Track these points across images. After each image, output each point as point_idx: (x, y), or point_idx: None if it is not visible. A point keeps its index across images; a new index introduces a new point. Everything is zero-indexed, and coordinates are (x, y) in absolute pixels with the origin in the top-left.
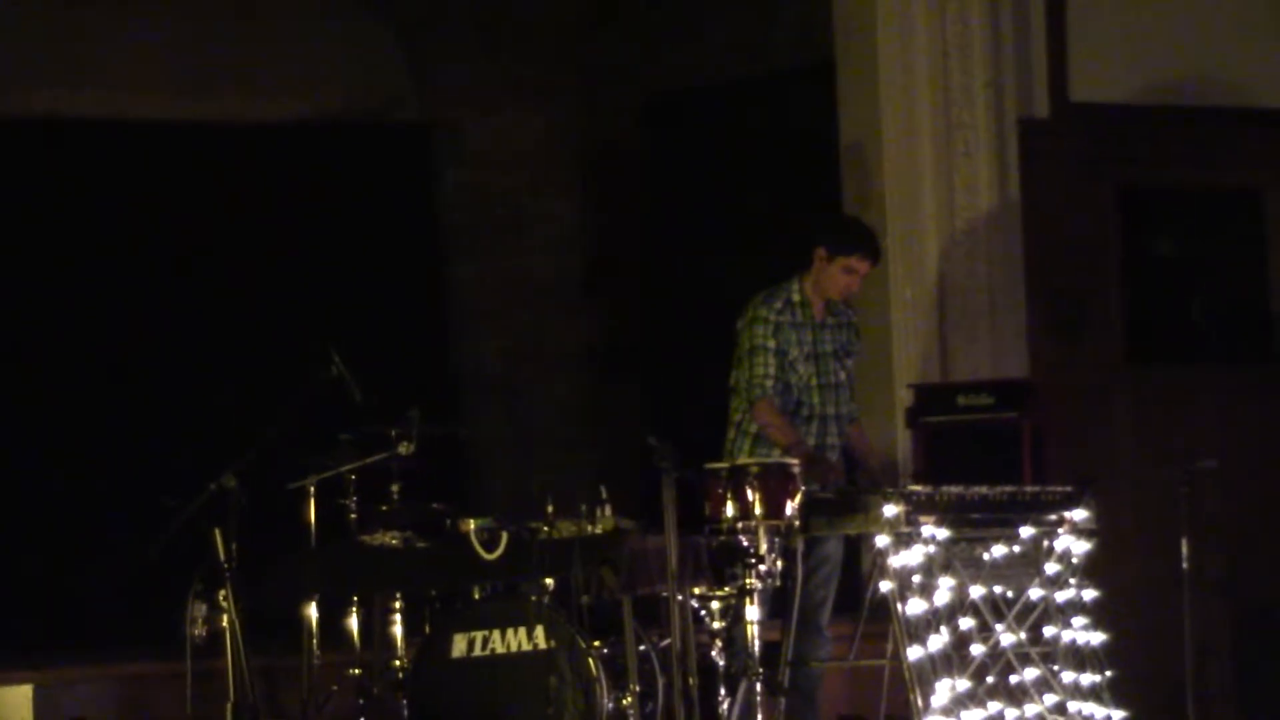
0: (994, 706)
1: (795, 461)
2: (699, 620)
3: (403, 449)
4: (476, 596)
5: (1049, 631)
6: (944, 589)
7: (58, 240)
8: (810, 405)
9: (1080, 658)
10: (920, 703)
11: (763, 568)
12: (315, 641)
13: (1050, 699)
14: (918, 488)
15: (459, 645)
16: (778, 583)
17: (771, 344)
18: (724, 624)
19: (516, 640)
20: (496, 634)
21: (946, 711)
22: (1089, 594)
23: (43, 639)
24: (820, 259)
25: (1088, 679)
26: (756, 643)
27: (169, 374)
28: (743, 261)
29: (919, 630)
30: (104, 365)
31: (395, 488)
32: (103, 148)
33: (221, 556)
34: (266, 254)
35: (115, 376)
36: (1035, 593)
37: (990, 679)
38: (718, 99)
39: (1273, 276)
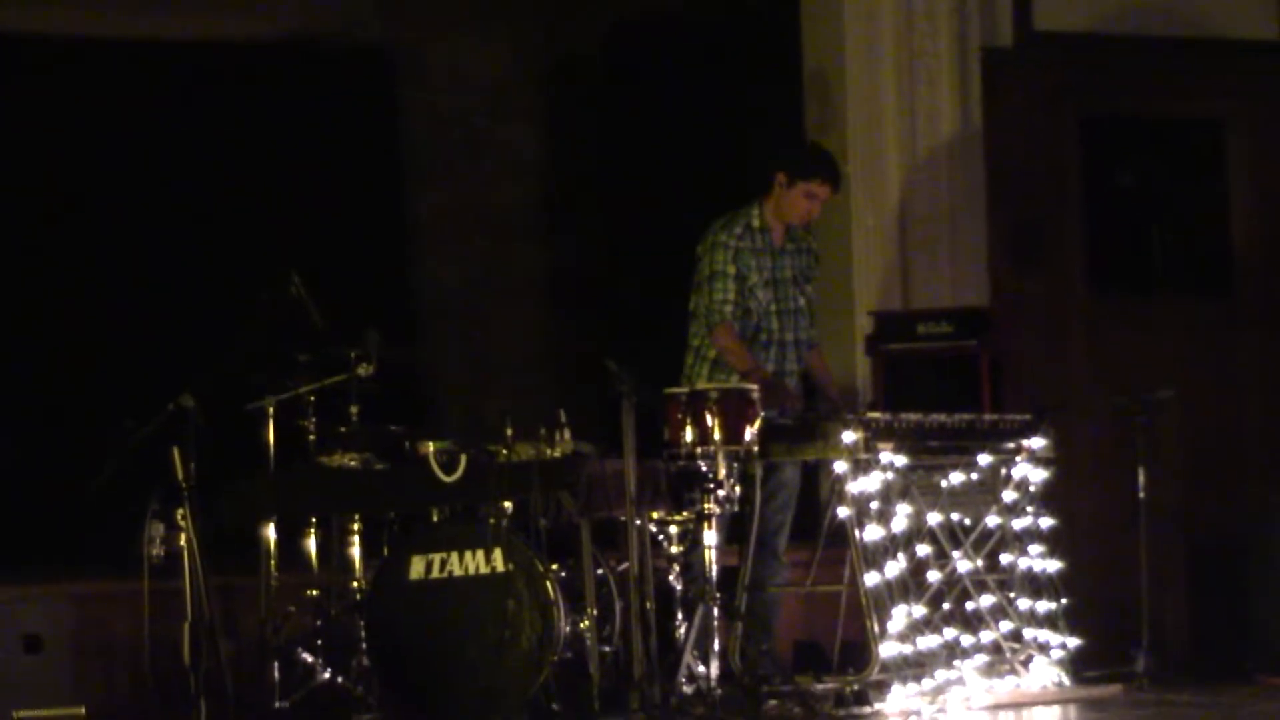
0: (949, 633)
1: (754, 387)
2: (657, 544)
3: (361, 371)
4: (435, 519)
5: (1005, 559)
6: (901, 516)
7: (13, 159)
8: (769, 331)
9: (1036, 585)
10: (876, 628)
11: (721, 493)
12: (273, 562)
13: (1006, 626)
14: (876, 415)
15: (417, 567)
16: (736, 508)
17: (731, 269)
18: (682, 548)
19: (474, 563)
20: (454, 556)
21: (902, 637)
22: (1045, 522)
23: None
24: (780, 184)
25: (1043, 606)
26: (714, 567)
27: (128, 293)
28: (704, 187)
29: (876, 556)
30: (63, 284)
31: (354, 409)
32: (60, 65)
33: (180, 476)
34: (225, 175)
35: (74, 296)
36: (992, 520)
37: (946, 605)
38: (680, 24)
39: (1233, 208)
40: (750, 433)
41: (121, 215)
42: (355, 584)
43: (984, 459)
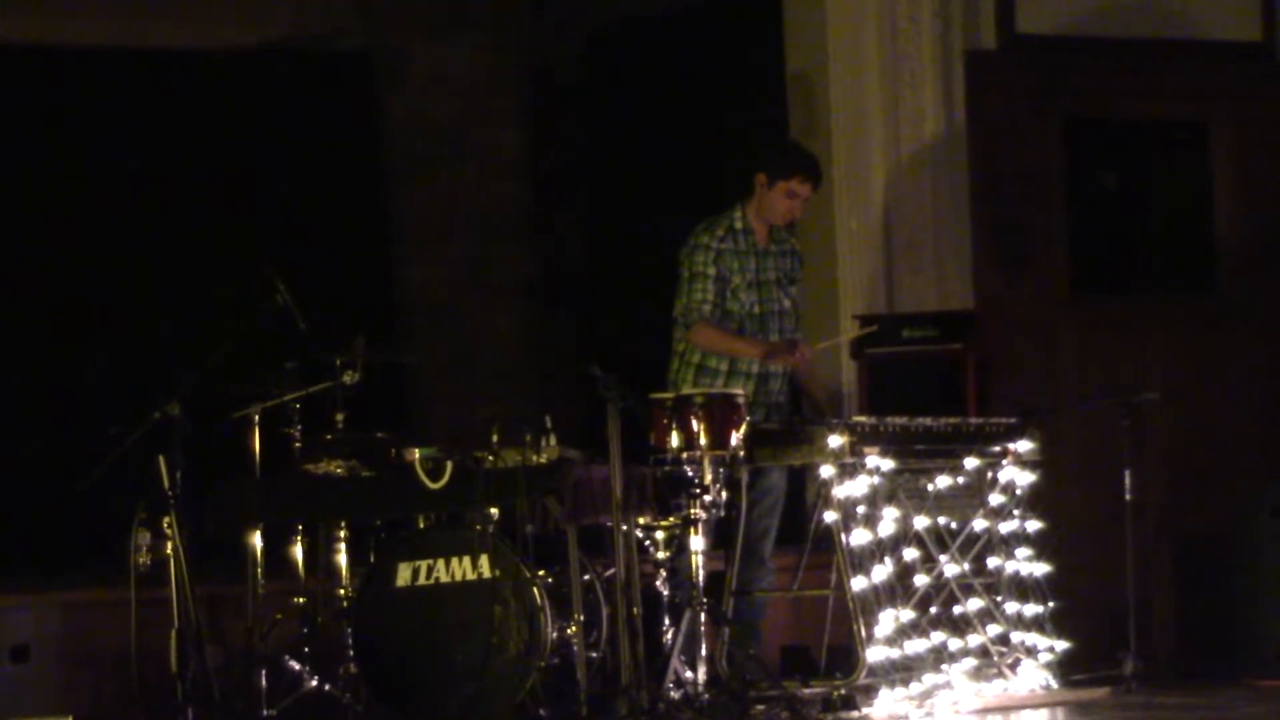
0: (937, 636)
1: (740, 392)
2: (643, 550)
3: (347, 378)
4: (421, 525)
5: (992, 562)
6: (888, 520)
7: (3, 166)
8: (753, 333)
9: (1023, 588)
10: (864, 633)
11: (707, 498)
12: (260, 570)
13: (993, 629)
14: (862, 419)
15: (403, 574)
16: (722, 513)
17: (712, 271)
18: (668, 554)
19: (461, 569)
20: (441, 563)
21: (890, 641)
22: (1032, 525)
23: None
24: (760, 185)
25: (1030, 609)
26: (700, 573)
27: (113, 301)
28: (687, 190)
29: (863, 561)
30: (47, 293)
31: (340, 416)
32: (45, 74)
33: (166, 484)
34: (210, 182)
35: (59, 304)
36: (979, 524)
37: (933, 609)
38: (664, 27)
39: (1216, 208)
40: (736, 437)
41: (104, 221)
42: (342, 591)
43: (970, 462)
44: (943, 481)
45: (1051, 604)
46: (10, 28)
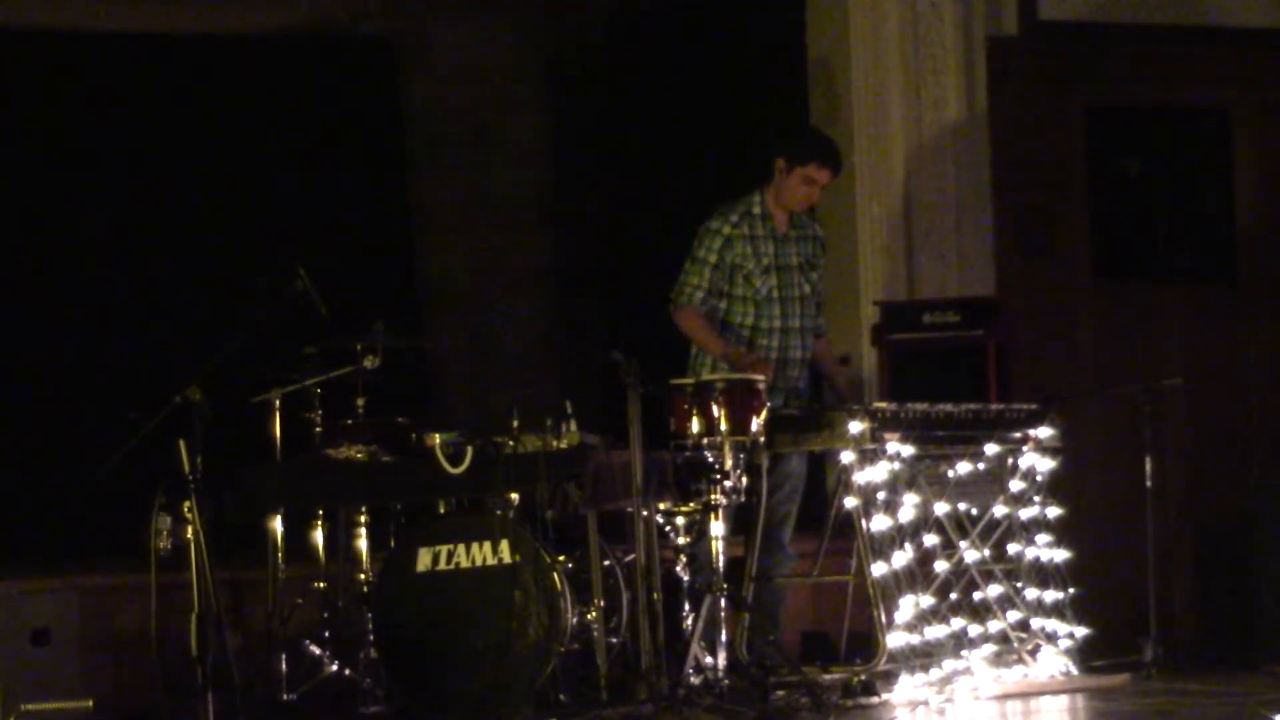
0: (957, 623)
1: (761, 378)
2: (663, 535)
3: (368, 363)
4: (441, 511)
5: (1012, 548)
6: (908, 506)
7: (24, 148)
8: (770, 317)
9: (1043, 575)
10: (884, 619)
11: (727, 483)
12: (280, 555)
13: (1013, 615)
14: (883, 404)
15: (424, 559)
16: (742, 498)
17: (713, 259)
18: (688, 539)
19: (481, 554)
20: (461, 548)
21: (910, 627)
22: (1053, 511)
23: (6, 550)
24: (779, 170)
25: (1051, 596)
26: (720, 558)
27: (135, 285)
28: (709, 176)
29: (883, 546)
30: (68, 278)
31: (360, 401)
32: (65, 58)
33: (186, 469)
34: (231, 167)
35: (81, 288)
36: (999, 510)
37: (953, 595)
38: (685, 12)
39: (1238, 195)
40: (756, 423)
41: (128, 207)
42: (362, 576)
43: (991, 448)
44: (963, 468)
45: (1072, 590)
46: (26, 12)
